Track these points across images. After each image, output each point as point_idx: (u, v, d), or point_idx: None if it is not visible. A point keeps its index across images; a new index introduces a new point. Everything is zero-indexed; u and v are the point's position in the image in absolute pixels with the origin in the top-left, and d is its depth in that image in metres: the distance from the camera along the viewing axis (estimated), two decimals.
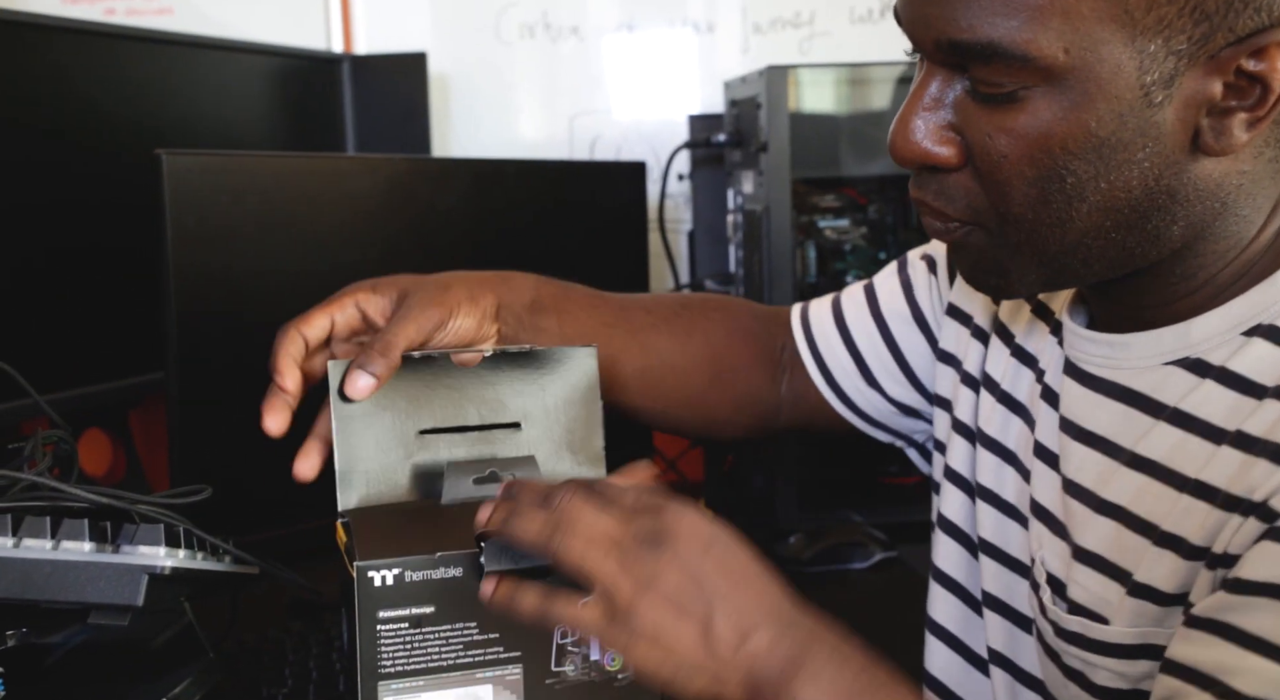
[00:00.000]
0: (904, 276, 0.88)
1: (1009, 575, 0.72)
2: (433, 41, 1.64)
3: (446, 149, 1.66)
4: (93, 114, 1.16)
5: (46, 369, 1.03)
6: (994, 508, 0.73)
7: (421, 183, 1.15)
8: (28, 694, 0.70)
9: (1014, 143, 0.57)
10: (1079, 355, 0.66)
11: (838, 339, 0.89)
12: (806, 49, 1.65)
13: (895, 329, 0.87)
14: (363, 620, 0.60)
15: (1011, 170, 0.58)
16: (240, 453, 1.01)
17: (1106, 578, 0.61)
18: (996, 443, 0.73)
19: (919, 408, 0.88)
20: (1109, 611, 0.60)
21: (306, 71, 1.46)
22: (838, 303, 0.91)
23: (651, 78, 1.67)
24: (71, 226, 1.14)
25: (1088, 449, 0.64)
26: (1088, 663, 0.61)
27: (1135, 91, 0.55)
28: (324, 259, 1.07)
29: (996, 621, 0.73)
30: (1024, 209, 0.59)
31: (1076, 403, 0.66)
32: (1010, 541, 0.72)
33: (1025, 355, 0.73)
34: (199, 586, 0.73)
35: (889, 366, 0.87)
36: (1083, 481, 0.64)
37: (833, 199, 1.37)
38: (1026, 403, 0.72)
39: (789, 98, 1.26)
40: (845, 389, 0.89)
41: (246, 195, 1.01)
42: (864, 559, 1.24)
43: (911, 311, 0.87)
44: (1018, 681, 0.71)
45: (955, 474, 0.78)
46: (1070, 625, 0.62)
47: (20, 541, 0.65)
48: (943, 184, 0.61)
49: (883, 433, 0.91)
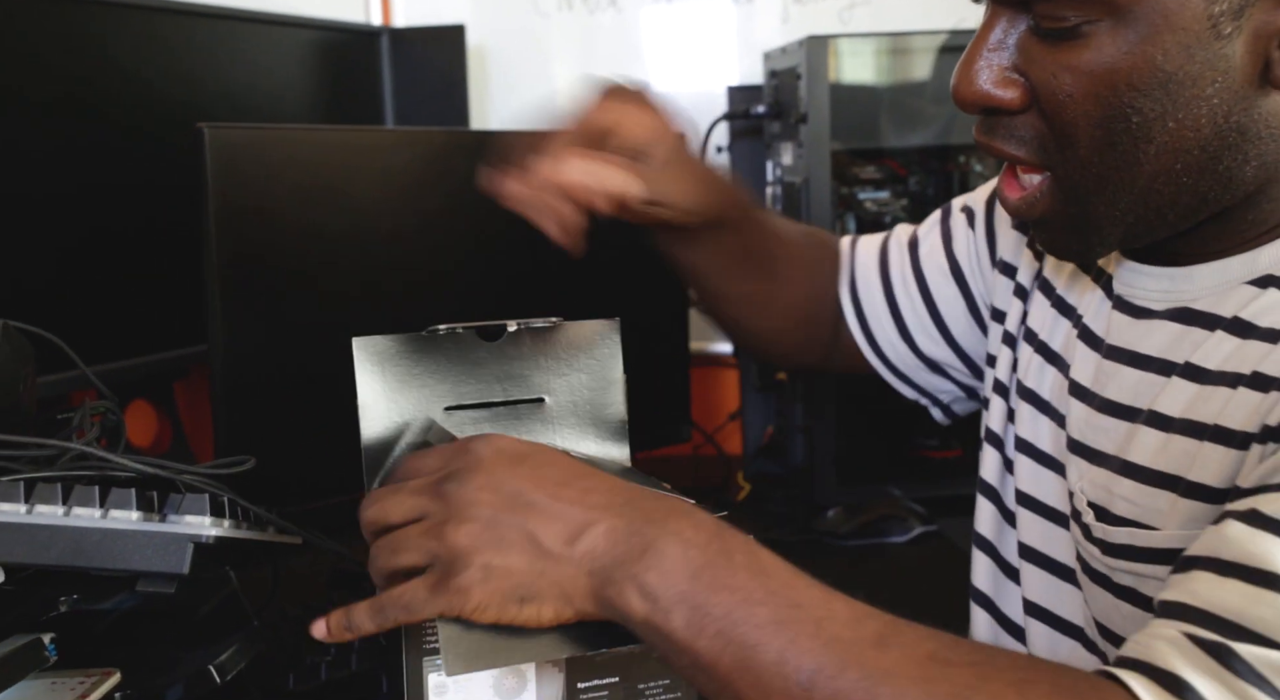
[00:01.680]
0: (945, 228, 0.88)
1: (1046, 525, 0.72)
2: (471, 14, 1.63)
3: (485, 121, 1.66)
4: (134, 88, 1.17)
5: (94, 341, 1.05)
6: (1031, 459, 0.73)
7: (460, 155, 1.15)
8: (78, 658, 0.71)
9: (1079, 81, 0.56)
10: (1134, 292, 0.66)
11: (879, 288, 0.89)
12: (846, 19, 1.63)
13: (932, 282, 0.87)
14: None
15: (1077, 110, 0.57)
16: (283, 424, 1.02)
17: (1156, 488, 0.60)
18: (1033, 393, 0.73)
19: (946, 365, 0.88)
20: (1159, 520, 0.60)
21: (345, 44, 1.46)
22: (885, 247, 0.91)
23: (690, 49, 1.66)
24: (115, 201, 1.15)
25: (1139, 371, 0.64)
26: (1138, 575, 0.61)
27: (1203, 23, 0.53)
28: (364, 230, 1.07)
29: (1035, 574, 0.73)
30: (1090, 152, 0.58)
31: (1125, 331, 0.65)
32: (1048, 491, 0.72)
33: (1065, 306, 0.73)
34: (243, 556, 0.74)
35: (924, 321, 0.88)
36: (1133, 402, 0.64)
37: (873, 170, 1.36)
38: (1061, 350, 0.71)
39: (829, 68, 1.25)
40: (880, 341, 0.90)
41: (287, 168, 1.01)
42: (903, 533, 1.24)
43: (949, 265, 0.87)
44: (1056, 631, 0.71)
45: (991, 433, 0.79)
46: (1118, 538, 0.62)
47: (70, 510, 0.66)
48: (1010, 126, 0.61)
49: (907, 387, 0.92)
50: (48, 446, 0.70)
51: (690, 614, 0.51)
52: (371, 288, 1.08)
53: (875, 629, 0.51)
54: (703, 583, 0.51)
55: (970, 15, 1.62)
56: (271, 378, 1.01)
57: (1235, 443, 0.56)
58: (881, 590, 0.56)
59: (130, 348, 1.15)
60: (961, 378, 0.90)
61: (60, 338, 0.82)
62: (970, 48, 0.60)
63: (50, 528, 0.65)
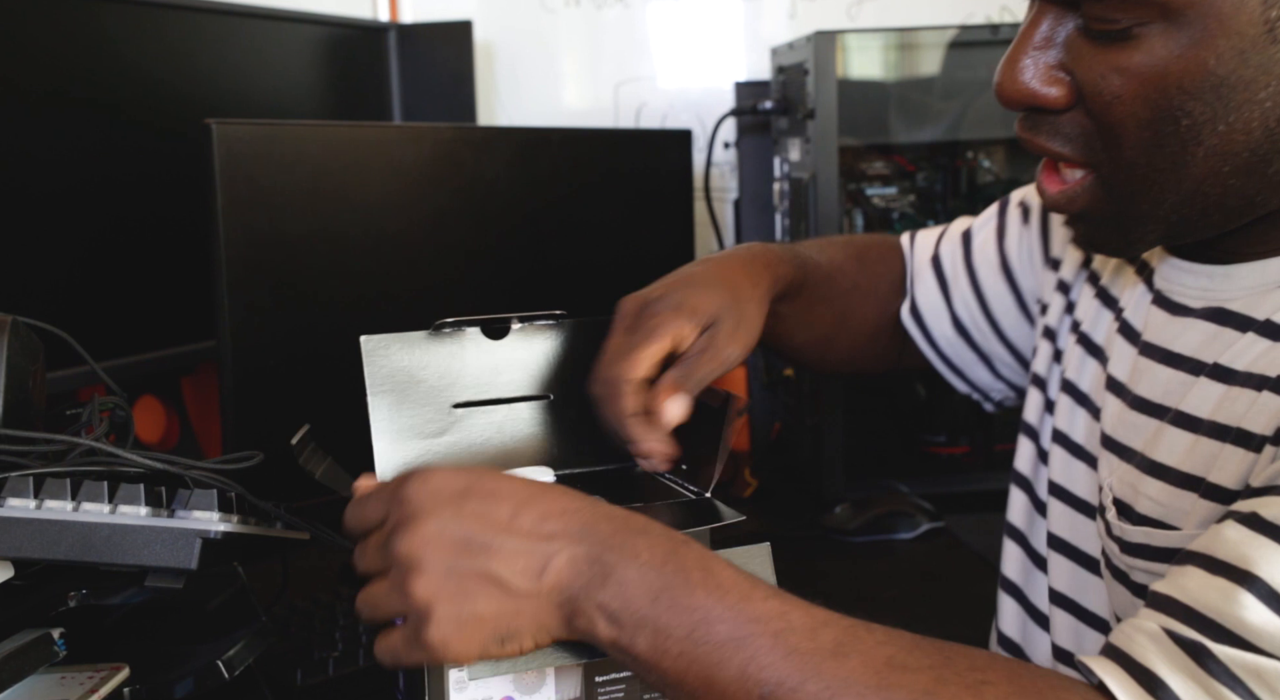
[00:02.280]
0: (1000, 222, 0.88)
1: (1074, 516, 0.72)
2: (478, 9, 1.63)
3: (492, 117, 1.66)
4: (143, 84, 1.17)
5: (103, 337, 1.05)
6: (1064, 449, 0.73)
7: (467, 151, 1.15)
8: (87, 653, 0.72)
9: (1127, 83, 0.55)
10: (1172, 288, 0.65)
11: (933, 282, 0.90)
12: (854, 14, 1.63)
13: (983, 277, 0.88)
14: None
15: (1124, 112, 0.56)
16: (291, 419, 1.02)
17: (1180, 489, 0.60)
18: (1073, 386, 0.73)
19: (997, 359, 0.89)
20: (1181, 520, 0.59)
21: (353, 40, 1.46)
22: (939, 241, 0.92)
23: (697, 44, 1.66)
24: (124, 197, 1.15)
25: (1171, 370, 0.63)
26: (1155, 575, 0.60)
27: (1259, 27, 0.53)
28: (372, 226, 1.07)
29: (1061, 563, 0.73)
30: (1137, 153, 0.57)
31: (1162, 329, 0.65)
32: (1077, 482, 0.72)
33: (1108, 298, 0.72)
34: (251, 551, 0.74)
35: (975, 315, 0.89)
36: (1162, 401, 0.63)
37: (881, 166, 1.36)
38: (1103, 343, 0.71)
39: (836, 64, 1.25)
40: (934, 334, 0.91)
41: (295, 164, 1.01)
42: (910, 529, 1.24)
43: (999, 260, 0.87)
44: (1082, 622, 0.71)
45: (1027, 425, 0.79)
46: (1135, 537, 0.61)
47: (79, 505, 0.66)
48: (1055, 123, 0.60)
49: (961, 382, 0.93)
50: (56, 442, 0.70)
51: (653, 637, 0.51)
52: (379, 283, 1.08)
53: (833, 637, 0.51)
54: (662, 605, 0.51)
55: (976, 10, 1.61)
56: (279, 373, 1.01)
57: (1253, 446, 0.56)
58: (888, 586, 0.56)
59: (138, 343, 1.15)
60: (1012, 376, 0.90)
61: (69, 333, 0.82)
62: (1015, 44, 0.59)
63: (59, 523, 0.65)
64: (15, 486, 0.65)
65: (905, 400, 1.42)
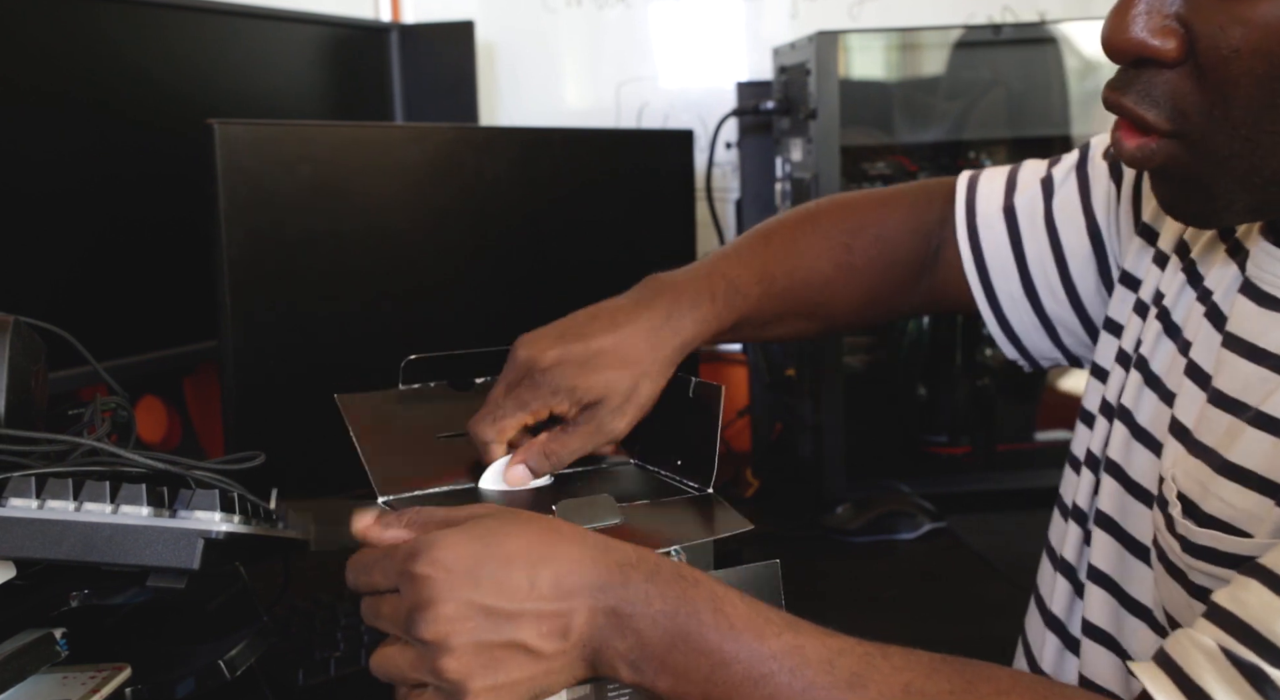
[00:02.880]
0: (1082, 175, 0.81)
1: (1125, 497, 0.69)
2: (480, 10, 1.63)
3: (494, 117, 1.66)
4: (145, 85, 1.17)
5: (104, 337, 1.05)
6: (1126, 428, 0.70)
7: (469, 151, 1.15)
8: (89, 653, 0.72)
9: (1249, 35, 0.52)
10: (1263, 276, 0.61)
11: (1004, 235, 0.83)
12: (856, 14, 1.63)
13: (1065, 237, 0.81)
14: None
15: (1242, 68, 0.52)
16: (293, 419, 1.03)
17: (1256, 492, 0.57)
18: (1145, 361, 0.69)
19: (1062, 327, 0.83)
20: (1254, 526, 0.57)
21: (355, 40, 1.46)
22: (1011, 189, 0.84)
23: (699, 44, 1.66)
24: (126, 197, 1.15)
25: (1254, 365, 0.60)
26: (1216, 578, 0.58)
27: None
28: (373, 226, 1.07)
29: (1105, 541, 0.70)
30: (1245, 113, 0.53)
31: (1248, 320, 0.61)
32: (1133, 464, 0.69)
33: (1195, 275, 0.68)
34: (253, 551, 0.74)
35: (1050, 276, 0.82)
36: (1241, 396, 0.60)
37: (883, 166, 1.36)
38: (1182, 323, 0.67)
39: (838, 64, 1.25)
40: (999, 294, 0.84)
41: (297, 164, 1.02)
42: (912, 529, 1.24)
43: (1085, 222, 0.80)
44: (1122, 607, 0.69)
45: (1109, 405, 0.73)
46: (1201, 539, 0.59)
47: (81, 505, 0.66)
48: (1148, 85, 0.56)
49: (1013, 348, 0.86)
50: (58, 442, 0.70)
51: (673, 681, 0.53)
52: (380, 282, 1.08)
53: (849, 667, 0.51)
54: (678, 652, 0.53)
55: (979, 10, 1.61)
56: (281, 373, 1.01)
57: None
58: (889, 587, 0.56)
59: (140, 343, 1.16)
60: (1073, 344, 0.84)
61: (71, 333, 0.82)
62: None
63: (61, 523, 0.65)
64: (17, 486, 0.65)
65: (906, 400, 1.42)
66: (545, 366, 0.73)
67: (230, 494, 0.69)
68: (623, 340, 0.75)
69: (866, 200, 0.91)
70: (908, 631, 1.04)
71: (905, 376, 1.41)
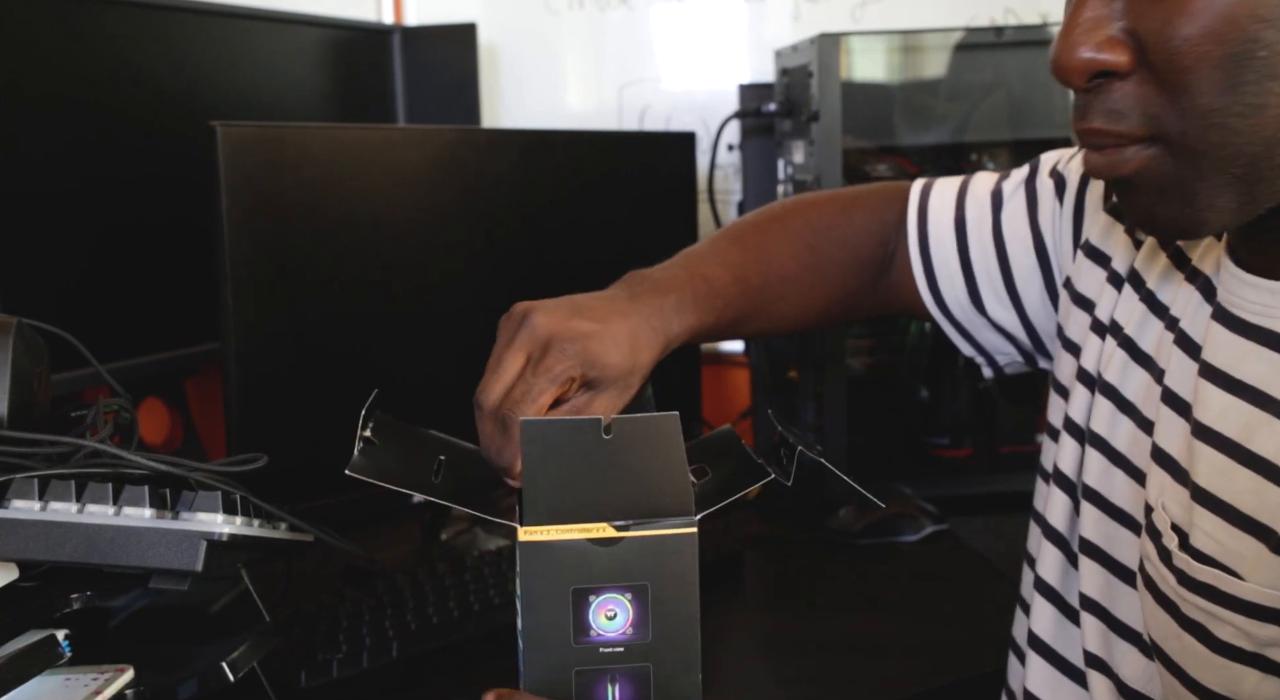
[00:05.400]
0: (1031, 190, 0.83)
1: (1110, 524, 0.69)
2: (482, 12, 1.64)
3: (496, 119, 1.66)
4: (148, 87, 1.18)
5: (107, 339, 1.05)
6: (1102, 455, 0.70)
7: (471, 153, 1.15)
8: (92, 655, 0.72)
9: (1194, 21, 0.52)
10: (1234, 301, 0.61)
11: (953, 245, 0.86)
12: (858, 16, 1.63)
13: (1012, 251, 0.83)
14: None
15: (1195, 54, 0.52)
16: (295, 421, 1.03)
17: (1240, 530, 0.57)
18: (1114, 390, 0.70)
19: (1012, 330, 0.86)
20: (1242, 566, 0.56)
21: (357, 42, 1.46)
22: (962, 200, 0.86)
23: (701, 46, 1.66)
24: (129, 199, 1.15)
25: (1233, 397, 0.59)
26: (1212, 616, 0.57)
27: None
28: (375, 227, 1.07)
29: (1093, 569, 0.70)
30: (1211, 97, 0.52)
31: (1224, 349, 0.61)
32: (1114, 490, 0.69)
33: (1156, 304, 0.68)
34: (255, 553, 0.74)
35: (996, 287, 0.84)
36: (1223, 430, 0.59)
37: (885, 169, 1.36)
38: (1152, 353, 0.67)
39: (840, 66, 1.25)
40: (946, 297, 0.87)
41: (299, 166, 1.02)
42: (914, 531, 1.24)
43: (1032, 237, 0.82)
44: (1112, 631, 0.69)
45: (1073, 424, 0.74)
46: (1202, 576, 0.58)
47: (84, 507, 0.66)
48: (1109, 101, 0.56)
49: (966, 343, 0.89)
50: (61, 444, 0.70)
51: None
52: (383, 284, 1.08)
53: None
54: None
55: (980, 13, 1.61)
56: (283, 375, 1.02)
57: None
58: (891, 589, 0.56)
59: (143, 345, 1.16)
60: (1023, 344, 0.87)
61: (74, 335, 0.82)
62: (1068, 20, 0.56)
63: (64, 525, 0.65)
64: (20, 488, 0.65)
65: (908, 402, 1.42)
66: (570, 337, 0.70)
67: (232, 496, 0.70)
68: (631, 327, 0.73)
69: (830, 201, 0.92)
70: (909, 633, 1.04)
71: (908, 379, 1.41)
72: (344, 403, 0.75)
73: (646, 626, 0.61)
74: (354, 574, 1.08)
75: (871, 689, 0.92)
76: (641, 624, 0.61)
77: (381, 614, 0.95)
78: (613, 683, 0.61)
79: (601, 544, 0.61)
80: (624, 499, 0.61)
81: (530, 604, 0.60)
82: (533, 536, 0.60)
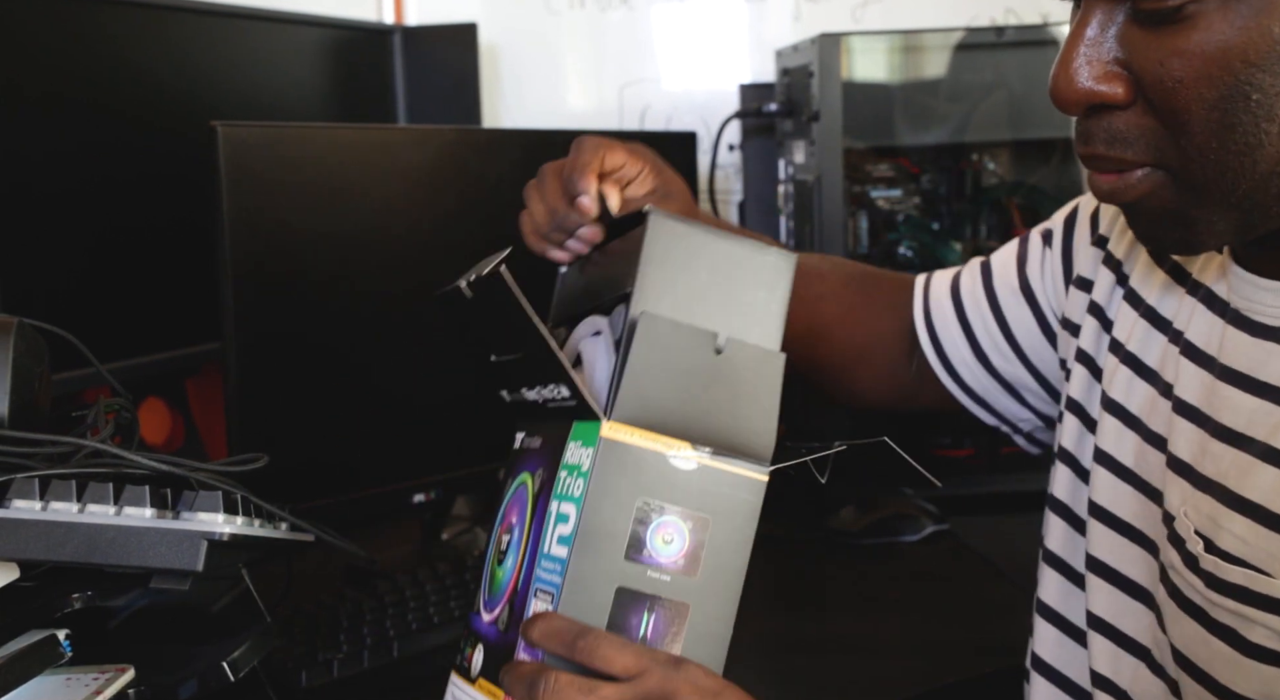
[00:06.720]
0: (1021, 251, 0.87)
1: (1118, 539, 0.69)
2: (483, 12, 1.64)
3: (497, 119, 1.66)
4: (148, 87, 1.18)
5: (108, 339, 1.05)
6: (1110, 472, 0.70)
7: (472, 153, 1.15)
8: (93, 654, 0.72)
9: (1189, 64, 0.52)
10: (1250, 306, 0.61)
11: (952, 313, 0.89)
12: (859, 16, 1.63)
13: (1003, 301, 0.86)
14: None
15: (1189, 95, 0.53)
16: (295, 421, 1.03)
17: (1270, 530, 0.57)
18: (1120, 407, 0.70)
19: (1022, 386, 0.87)
20: (1273, 565, 0.56)
21: (358, 42, 1.46)
22: (957, 277, 0.91)
23: (702, 46, 1.66)
24: (129, 199, 1.15)
25: (1258, 399, 0.59)
26: (1243, 618, 0.57)
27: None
28: (376, 228, 1.07)
29: (1100, 586, 0.70)
30: (1206, 137, 0.54)
31: (1244, 353, 0.61)
32: (1125, 507, 0.69)
33: (1158, 319, 0.69)
34: (256, 553, 0.74)
35: (997, 341, 0.87)
36: (1247, 431, 0.60)
37: (885, 168, 1.36)
38: (1157, 367, 0.68)
39: (841, 66, 1.25)
40: (954, 362, 0.89)
41: (300, 166, 1.02)
42: (915, 531, 1.24)
43: (1020, 283, 0.85)
44: (1120, 647, 0.69)
45: (1063, 451, 0.76)
46: (1232, 577, 0.58)
47: (85, 507, 0.66)
48: (1114, 128, 0.57)
49: (987, 413, 0.91)
50: (62, 444, 0.70)
51: None
52: (384, 284, 1.08)
53: None
54: None
55: (981, 13, 1.61)
56: (284, 375, 1.02)
57: None
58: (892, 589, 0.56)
59: (144, 345, 1.16)
60: (1039, 403, 0.88)
61: (74, 335, 0.82)
62: (1066, 46, 0.57)
63: (65, 525, 0.65)
64: (21, 488, 0.65)
65: None
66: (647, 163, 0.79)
67: (233, 496, 0.70)
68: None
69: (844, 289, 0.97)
70: (911, 633, 1.04)
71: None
72: (344, 403, 0.76)
73: (698, 563, 0.59)
74: (354, 574, 1.08)
75: (871, 689, 0.92)
76: (693, 559, 0.59)
77: (382, 614, 0.95)
78: (649, 611, 0.58)
79: (681, 462, 0.59)
80: (711, 425, 0.59)
81: (594, 505, 0.57)
82: (617, 435, 0.58)
